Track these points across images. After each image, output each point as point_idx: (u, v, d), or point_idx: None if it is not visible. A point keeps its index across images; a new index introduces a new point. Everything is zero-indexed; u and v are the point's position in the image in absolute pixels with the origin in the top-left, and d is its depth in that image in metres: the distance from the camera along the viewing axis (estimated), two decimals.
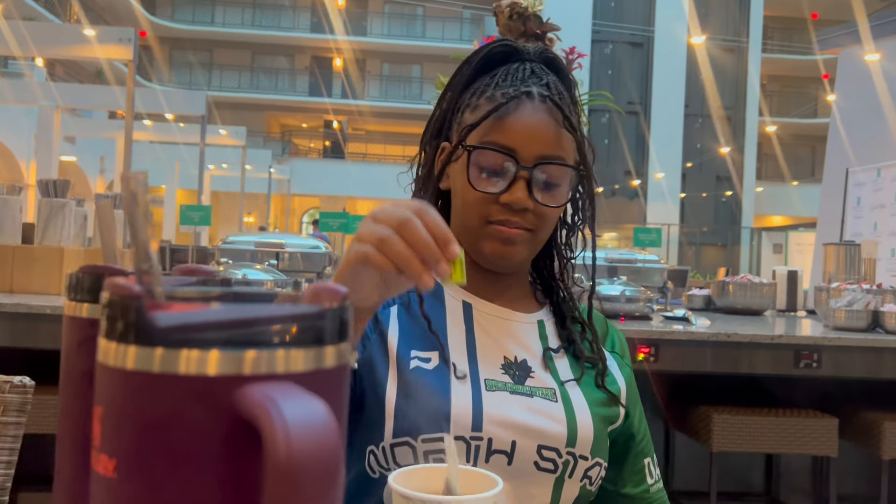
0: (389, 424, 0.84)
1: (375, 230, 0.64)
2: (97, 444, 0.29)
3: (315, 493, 0.24)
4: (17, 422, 0.84)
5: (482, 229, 0.90)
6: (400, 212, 0.64)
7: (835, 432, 2.69)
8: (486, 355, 0.91)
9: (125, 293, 0.29)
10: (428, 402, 0.84)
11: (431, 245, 0.62)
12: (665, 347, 2.67)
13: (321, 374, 0.30)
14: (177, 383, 0.28)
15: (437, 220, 0.64)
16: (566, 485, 0.87)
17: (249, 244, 3.44)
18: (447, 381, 0.86)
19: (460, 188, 0.91)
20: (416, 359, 0.88)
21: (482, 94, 0.91)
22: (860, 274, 3.66)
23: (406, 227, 0.63)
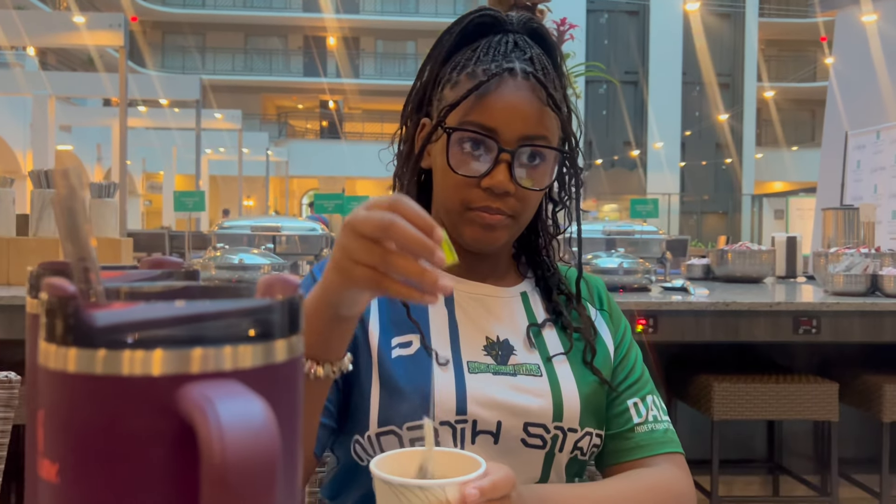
0: (374, 414, 0.83)
1: (371, 249, 0.61)
2: (41, 449, 0.29)
3: (251, 496, 0.24)
4: (5, 417, 0.84)
5: (463, 214, 0.88)
6: (379, 216, 0.61)
7: (835, 397, 2.70)
8: (467, 337, 0.90)
9: (61, 293, 0.28)
10: (411, 391, 0.83)
11: (423, 240, 0.60)
12: (664, 318, 2.67)
13: (271, 370, 0.29)
14: (120, 385, 0.27)
15: (416, 209, 0.61)
16: (556, 458, 0.87)
17: (246, 228, 3.43)
18: (429, 367, 0.86)
19: (440, 170, 0.89)
20: (398, 346, 0.87)
21: (462, 68, 0.88)
22: (859, 238, 3.65)
23: (392, 230, 0.60)
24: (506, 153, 0.85)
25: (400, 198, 0.62)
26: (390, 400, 0.83)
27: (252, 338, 0.29)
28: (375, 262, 0.61)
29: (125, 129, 5.33)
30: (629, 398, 0.93)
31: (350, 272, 0.63)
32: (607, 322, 0.98)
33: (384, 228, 0.60)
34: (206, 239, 4.88)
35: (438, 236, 0.60)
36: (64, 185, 0.31)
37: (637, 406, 0.93)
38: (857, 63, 6.54)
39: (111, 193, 3.12)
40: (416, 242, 0.60)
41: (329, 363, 0.71)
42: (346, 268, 0.63)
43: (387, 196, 0.65)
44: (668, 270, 3.64)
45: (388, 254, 0.60)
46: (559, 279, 0.98)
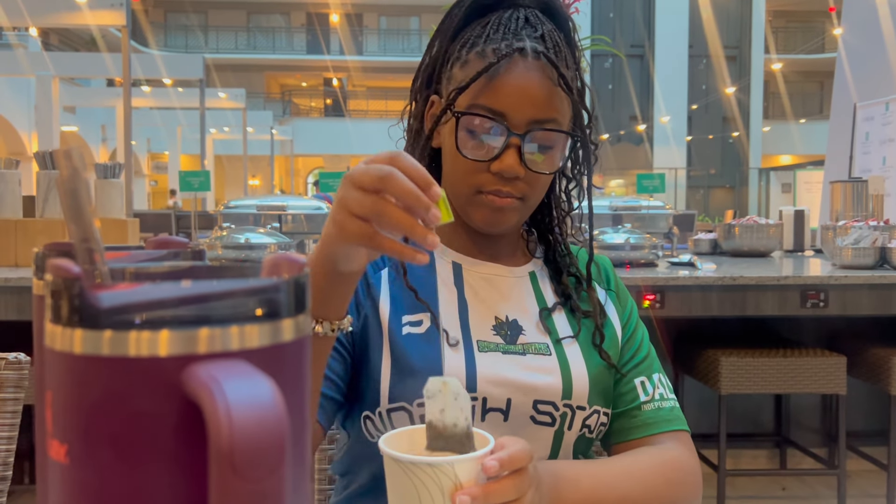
0: (385, 391, 0.83)
1: (364, 201, 0.61)
2: (49, 430, 0.28)
3: (259, 475, 0.23)
4: (15, 397, 0.84)
5: (473, 198, 0.88)
6: (377, 168, 0.61)
7: (843, 370, 2.70)
8: (476, 317, 0.90)
9: (66, 274, 0.28)
10: (421, 367, 0.84)
11: (418, 193, 0.60)
12: (671, 293, 2.67)
13: (279, 349, 0.29)
14: (127, 366, 0.27)
15: (414, 164, 0.61)
16: (566, 436, 0.87)
17: (251, 208, 3.43)
18: (439, 345, 0.86)
19: (449, 152, 0.88)
20: (408, 324, 0.87)
21: (472, 46, 0.87)
22: (868, 210, 3.63)
23: (389, 182, 0.60)
24: (515, 137, 0.84)
25: (400, 153, 0.62)
26: (401, 376, 0.83)
27: (259, 317, 0.29)
28: (368, 213, 0.61)
29: (129, 110, 5.32)
30: (636, 377, 0.93)
31: (344, 224, 0.63)
32: (614, 302, 0.98)
33: (381, 180, 0.60)
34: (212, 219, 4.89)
35: (435, 193, 0.60)
36: (66, 165, 0.30)
37: (644, 384, 0.93)
38: (866, 34, 6.45)
39: (116, 174, 3.12)
40: (411, 196, 0.60)
41: (328, 321, 0.71)
42: (341, 220, 0.63)
43: (387, 151, 0.65)
44: (675, 245, 3.63)
45: (381, 204, 0.60)
46: (570, 261, 0.97)
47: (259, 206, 3.44)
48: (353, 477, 0.91)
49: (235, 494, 0.23)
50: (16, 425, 0.85)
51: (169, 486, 0.26)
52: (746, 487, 3.16)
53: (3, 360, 0.84)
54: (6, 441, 0.83)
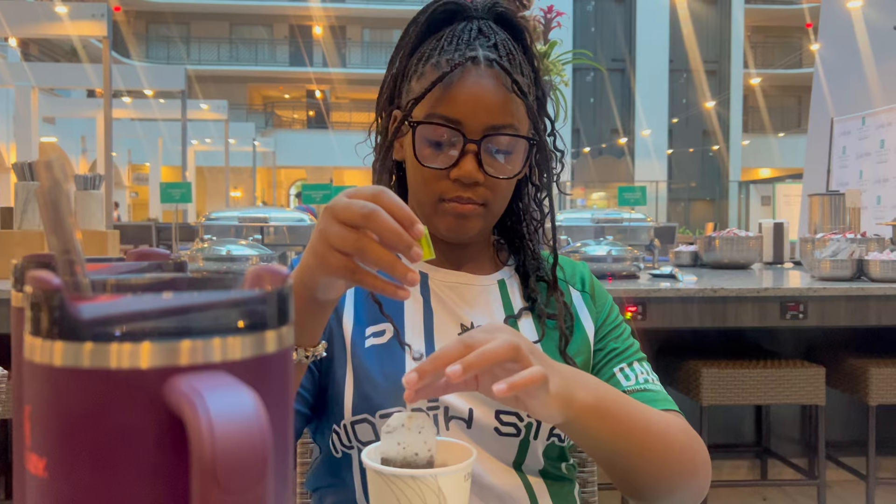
0: (348, 403, 0.83)
1: (347, 237, 0.61)
2: (27, 444, 0.28)
3: (241, 488, 0.23)
4: None
5: (436, 206, 0.88)
6: (360, 204, 0.61)
7: (822, 381, 2.73)
8: (441, 326, 0.90)
9: (46, 286, 0.27)
10: (383, 379, 0.84)
11: (401, 233, 0.60)
12: (653, 305, 2.68)
13: (262, 361, 0.29)
14: (108, 378, 0.27)
15: (398, 202, 0.62)
16: (532, 444, 0.86)
17: (233, 219, 3.41)
18: (402, 355, 0.86)
19: (410, 163, 0.89)
20: (372, 335, 0.88)
21: (427, 59, 0.87)
22: (845, 223, 3.68)
23: (372, 220, 0.61)
24: (472, 143, 0.85)
25: (384, 189, 0.63)
26: (363, 388, 0.83)
27: (241, 329, 0.29)
28: (350, 249, 0.61)
29: (110, 121, 5.29)
30: (615, 365, 0.92)
31: (325, 257, 0.63)
32: (588, 303, 0.97)
33: (364, 217, 0.61)
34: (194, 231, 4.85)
35: (419, 231, 0.61)
36: (47, 176, 0.30)
37: (623, 370, 0.91)
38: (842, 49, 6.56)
39: (97, 185, 3.09)
40: (394, 234, 0.60)
41: (303, 348, 0.72)
42: (322, 252, 0.63)
43: (371, 186, 0.65)
44: (656, 257, 3.66)
45: (364, 241, 0.61)
46: (537, 265, 0.97)
47: (241, 218, 3.42)
48: (325, 492, 0.90)
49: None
50: None
51: (150, 500, 0.26)
52: (728, 498, 3.17)
53: None
54: None
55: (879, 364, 2.77)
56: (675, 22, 18.82)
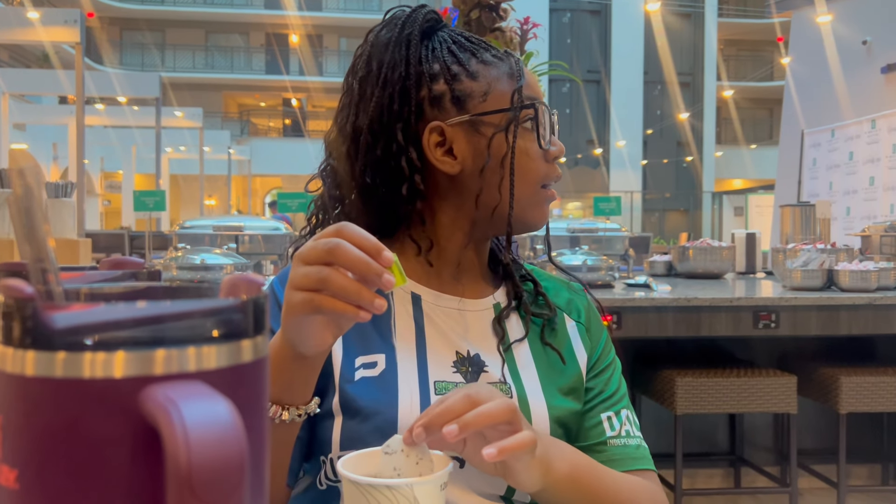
0: (336, 437, 0.80)
1: (309, 273, 0.61)
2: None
3: (217, 498, 0.23)
4: None
5: (536, 195, 0.88)
6: (323, 242, 0.61)
7: (794, 390, 2.76)
8: (436, 353, 0.86)
9: (18, 295, 0.27)
10: (374, 414, 0.80)
11: (368, 261, 0.60)
12: (628, 314, 2.70)
13: (237, 370, 0.29)
14: (81, 388, 0.26)
15: (361, 233, 0.62)
16: None
17: (208, 228, 3.38)
18: (394, 389, 0.82)
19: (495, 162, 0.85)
20: (362, 367, 0.83)
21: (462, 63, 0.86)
22: (815, 234, 3.74)
23: (337, 253, 0.60)
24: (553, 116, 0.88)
25: (346, 224, 0.63)
26: (352, 423, 0.80)
27: (216, 338, 0.29)
28: (314, 284, 0.61)
29: (83, 127, 5.23)
30: (603, 411, 0.90)
31: (290, 299, 0.63)
32: (582, 335, 0.94)
33: (329, 252, 0.61)
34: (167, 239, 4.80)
35: (388, 259, 0.61)
36: (20, 184, 0.30)
37: (611, 420, 0.90)
38: (812, 63, 6.69)
39: (69, 193, 3.05)
40: (361, 264, 0.60)
41: (294, 407, 0.71)
42: (288, 297, 0.63)
43: (332, 224, 0.64)
44: (630, 267, 3.69)
45: (325, 272, 0.61)
46: (520, 265, 0.96)
47: (215, 227, 3.40)
48: None
49: None
50: None
51: None
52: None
53: None
54: None
55: (850, 373, 2.82)
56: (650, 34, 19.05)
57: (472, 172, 0.86)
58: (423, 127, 0.86)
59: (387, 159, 0.86)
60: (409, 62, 0.86)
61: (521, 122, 0.86)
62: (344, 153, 0.89)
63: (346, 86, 0.92)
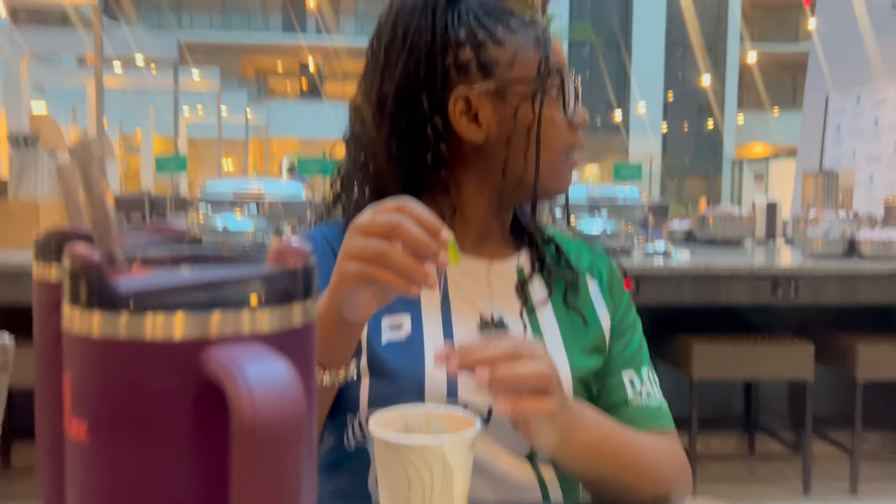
0: (364, 397, 0.82)
1: (367, 245, 0.63)
2: (68, 409, 0.30)
3: (280, 451, 0.25)
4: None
5: (561, 164, 0.88)
6: (385, 217, 0.63)
7: (811, 357, 2.77)
8: (460, 317, 0.87)
9: (86, 261, 0.29)
10: (401, 376, 0.82)
11: (427, 241, 0.62)
12: (646, 282, 2.71)
13: (288, 334, 0.31)
14: (143, 349, 0.28)
15: (422, 211, 0.64)
16: None
17: (228, 192, 3.40)
18: (420, 352, 0.83)
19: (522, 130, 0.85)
20: (388, 329, 0.85)
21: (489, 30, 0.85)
22: (837, 202, 3.71)
23: (398, 232, 0.62)
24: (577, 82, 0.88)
25: (407, 201, 0.64)
26: (380, 384, 0.82)
27: (269, 303, 0.30)
28: (370, 256, 0.63)
29: (101, 87, 5.24)
30: (625, 371, 0.91)
31: (344, 269, 0.65)
32: (605, 297, 0.95)
33: (391, 229, 0.63)
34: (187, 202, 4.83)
35: (445, 238, 0.63)
36: (81, 152, 0.31)
37: (633, 380, 0.91)
38: (839, 24, 6.53)
39: None
40: (420, 243, 0.62)
41: (335, 370, 0.74)
42: (341, 265, 0.65)
43: (393, 198, 0.66)
44: (650, 233, 3.68)
45: (383, 247, 0.62)
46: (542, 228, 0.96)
47: (236, 191, 3.41)
48: (335, 472, 0.90)
49: (256, 470, 0.25)
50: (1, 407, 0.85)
51: (186, 462, 0.28)
52: (716, 470, 3.23)
53: None
54: None
55: (868, 341, 2.82)
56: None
57: (497, 141, 0.87)
58: (448, 94, 0.86)
59: (412, 127, 0.86)
60: (434, 29, 0.85)
61: (548, 90, 0.86)
62: (369, 120, 0.90)
63: (370, 52, 0.91)
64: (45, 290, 0.45)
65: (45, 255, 0.45)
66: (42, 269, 0.46)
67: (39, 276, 0.45)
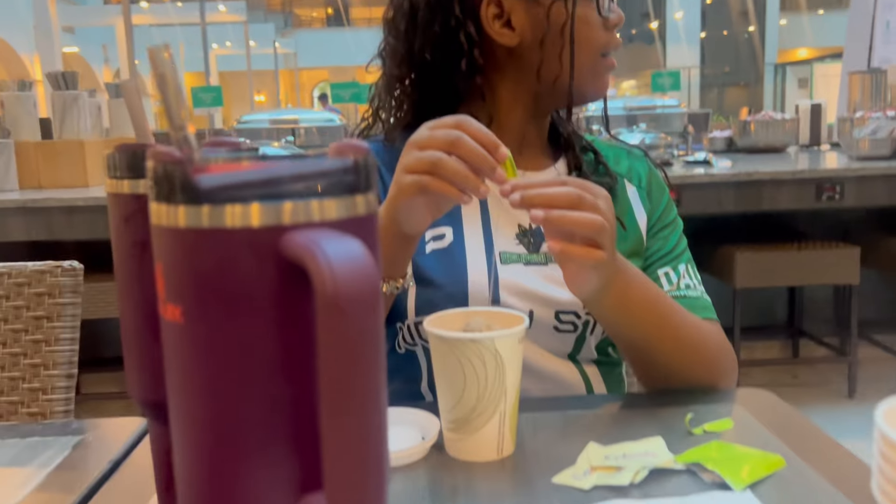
0: (411, 305, 0.85)
1: (423, 157, 0.65)
2: (162, 297, 0.33)
3: (361, 314, 0.28)
4: (73, 302, 0.90)
5: (597, 65, 0.88)
6: (443, 133, 0.64)
7: (856, 261, 2.74)
8: (499, 226, 0.90)
9: (170, 160, 0.31)
10: (445, 283, 0.85)
11: (485, 155, 0.64)
12: (687, 192, 2.69)
13: (353, 221, 0.33)
14: (224, 236, 0.31)
15: (481, 128, 0.65)
16: (588, 339, 0.89)
17: (264, 122, 3.44)
18: (463, 259, 0.87)
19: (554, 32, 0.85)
20: (432, 240, 0.88)
21: None
22: (886, 101, 3.58)
23: (457, 146, 0.64)
24: None
25: (466, 117, 0.66)
26: (426, 292, 0.85)
27: (334, 193, 0.33)
28: (426, 167, 0.65)
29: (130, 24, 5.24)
30: (660, 268, 0.92)
31: (400, 181, 0.67)
32: (643, 199, 0.95)
33: (451, 144, 0.64)
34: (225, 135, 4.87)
35: (503, 154, 0.65)
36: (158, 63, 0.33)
37: (668, 275, 0.91)
38: None
39: None
40: (479, 158, 0.64)
41: (393, 280, 0.77)
42: (398, 179, 0.68)
43: (451, 115, 0.67)
44: (689, 144, 3.62)
45: (437, 157, 0.64)
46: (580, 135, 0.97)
47: (272, 121, 3.44)
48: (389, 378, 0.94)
49: (341, 332, 0.28)
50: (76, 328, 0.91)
51: (271, 334, 0.31)
52: (760, 377, 3.26)
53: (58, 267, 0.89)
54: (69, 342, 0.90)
55: None
56: None
57: (530, 44, 0.87)
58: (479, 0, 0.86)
59: (445, 34, 0.87)
60: None
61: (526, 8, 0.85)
62: (402, 31, 0.90)
63: None
64: (118, 203, 0.48)
65: (117, 169, 0.48)
66: (114, 183, 0.49)
67: (113, 190, 0.49)
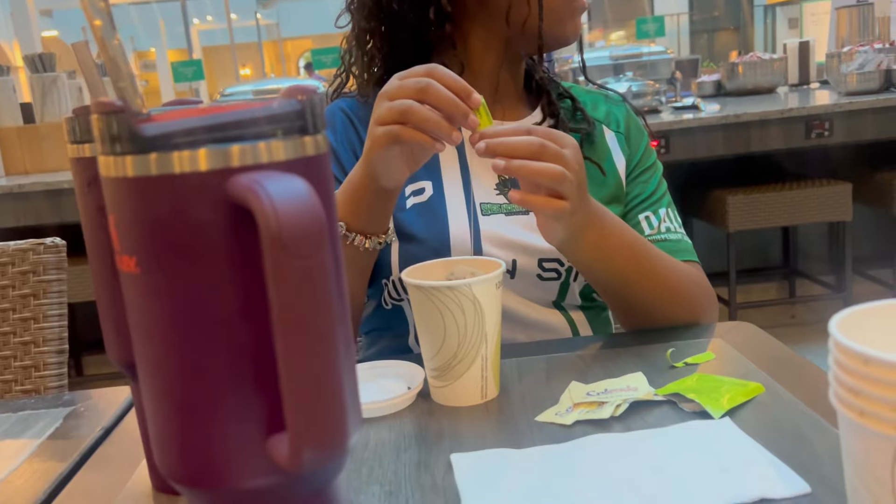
0: (395, 260, 0.86)
1: (393, 106, 0.64)
2: (118, 249, 0.33)
3: (305, 252, 0.28)
4: (59, 279, 0.90)
5: (567, 5, 0.87)
6: (413, 81, 0.64)
7: (849, 197, 2.74)
8: (478, 177, 0.90)
9: (111, 109, 0.31)
10: (427, 237, 0.86)
11: (457, 102, 0.63)
12: (676, 138, 2.67)
13: (302, 162, 0.33)
14: (173, 182, 0.31)
15: (452, 75, 0.64)
16: (572, 286, 0.90)
17: (248, 94, 3.40)
18: (444, 212, 0.87)
19: None
20: (412, 194, 0.88)
21: None
22: (874, 34, 3.54)
23: (427, 93, 0.63)
24: None
25: (436, 66, 0.65)
26: (409, 246, 0.86)
27: (282, 135, 0.33)
28: (396, 117, 0.64)
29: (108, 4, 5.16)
30: (640, 212, 0.92)
31: (373, 133, 0.67)
32: (622, 144, 0.95)
33: (420, 91, 0.64)
34: None
35: (476, 100, 0.64)
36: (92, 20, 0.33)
37: (649, 219, 0.91)
38: None
39: None
40: (450, 105, 0.63)
41: (375, 236, 0.78)
42: (371, 131, 0.67)
43: (421, 65, 0.66)
44: (678, 90, 3.59)
45: (407, 105, 0.64)
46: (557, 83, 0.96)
47: (255, 92, 3.41)
48: (377, 336, 0.96)
49: (287, 269, 0.28)
50: (63, 304, 0.91)
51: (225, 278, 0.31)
52: (757, 318, 3.28)
53: (41, 244, 0.89)
54: (58, 318, 0.90)
55: None
56: None
57: None
58: None
59: None
60: None
61: None
62: None
63: None
64: (81, 167, 0.48)
65: (77, 134, 0.48)
66: (76, 148, 0.49)
67: (74, 155, 0.49)
